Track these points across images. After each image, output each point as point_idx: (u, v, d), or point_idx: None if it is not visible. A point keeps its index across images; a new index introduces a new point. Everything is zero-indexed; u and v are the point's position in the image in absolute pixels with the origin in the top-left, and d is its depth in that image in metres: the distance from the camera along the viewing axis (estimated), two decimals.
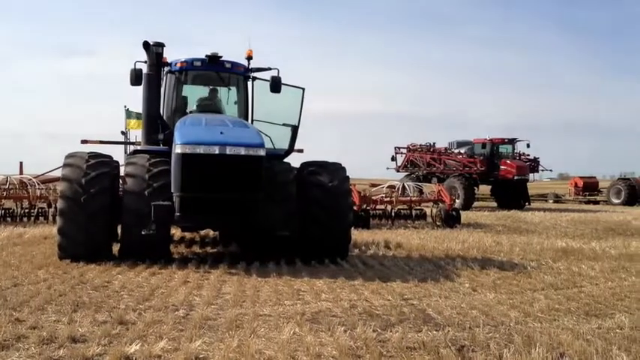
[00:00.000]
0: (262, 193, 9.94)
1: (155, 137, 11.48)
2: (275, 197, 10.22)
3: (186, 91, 12.28)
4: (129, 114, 17.58)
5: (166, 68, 11.90)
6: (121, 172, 11.07)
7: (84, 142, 13.63)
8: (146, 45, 11.25)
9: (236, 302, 7.31)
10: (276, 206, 10.12)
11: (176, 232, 13.80)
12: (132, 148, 13.85)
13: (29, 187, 18.93)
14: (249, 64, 12.25)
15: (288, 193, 10.62)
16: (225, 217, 10.05)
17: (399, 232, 16.68)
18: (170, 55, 11.81)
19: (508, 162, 32.78)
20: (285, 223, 10.21)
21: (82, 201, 9.95)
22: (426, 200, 21.21)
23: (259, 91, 12.30)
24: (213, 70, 12.07)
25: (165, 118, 11.71)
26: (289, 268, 9.98)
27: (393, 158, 37.55)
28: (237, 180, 9.77)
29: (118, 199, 10.45)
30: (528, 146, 34.77)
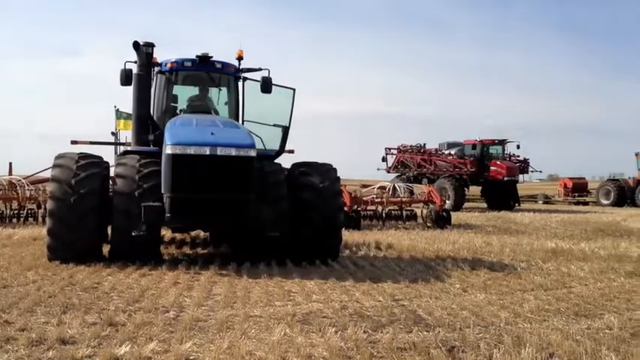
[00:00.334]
0: (253, 193, 9.93)
1: (145, 138, 11.45)
2: (266, 198, 10.21)
3: (176, 91, 12.25)
4: (119, 114, 17.51)
5: (156, 68, 11.87)
6: (111, 173, 11.02)
7: (74, 142, 13.57)
8: (136, 45, 11.22)
9: (227, 303, 7.30)
10: (267, 207, 10.11)
11: (166, 233, 13.75)
12: (122, 148, 13.79)
13: (18, 188, 18.82)
14: (240, 65, 12.24)
15: (278, 193, 10.61)
16: (215, 217, 10.02)
17: (389, 233, 16.71)
18: (160, 55, 11.81)
19: (498, 163, 32.93)
20: (276, 223, 10.20)
21: (71, 202, 9.91)
22: (416, 201, 21.26)
23: (250, 91, 12.30)
24: (204, 70, 12.04)
25: (155, 118, 11.67)
26: (280, 269, 9.97)
27: (384, 159, 37.66)
28: (228, 181, 9.75)
29: (108, 200, 10.41)
30: (518, 147, 35.00)
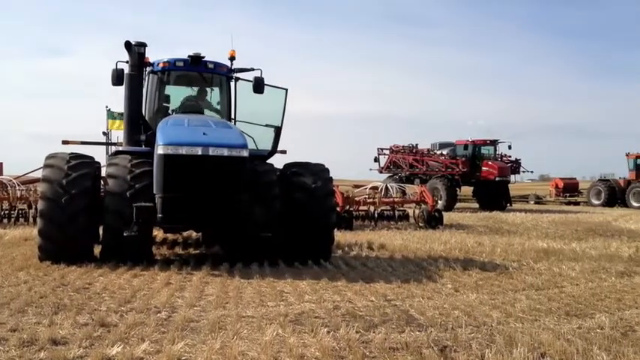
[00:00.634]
0: (245, 194, 9.92)
1: (137, 138, 11.42)
2: (258, 198, 10.20)
3: (168, 91, 12.22)
4: (111, 114, 17.46)
5: (148, 68, 11.84)
6: (103, 173, 10.99)
7: (65, 142, 13.50)
8: (128, 45, 11.18)
9: (219, 304, 7.28)
10: (259, 207, 10.09)
11: (158, 233, 13.72)
12: (113, 148, 13.75)
13: (9, 188, 18.76)
14: (232, 65, 12.22)
15: (271, 194, 10.59)
16: (208, 218, 10.01)
17: (382, 233, 16.72)
18: (152, 55, 11.78)
19: (490, 163, 33.03)
20: (269, 224, 10.19)
21: (62, 202, 9.87)
22: (408, 201, 21.30)
23: (242, 91, 12.28)
24: (196, 70, 12.01)
25: (147, 118, 11.65)
26: (272, 270, 9.97)
27: (376, 159, 37.74)
28: (220, 181, 9.74)
29: (99, 200, 10.38)
30: (510, 148, 35.12)
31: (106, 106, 17.70)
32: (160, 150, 9.63)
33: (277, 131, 12.00)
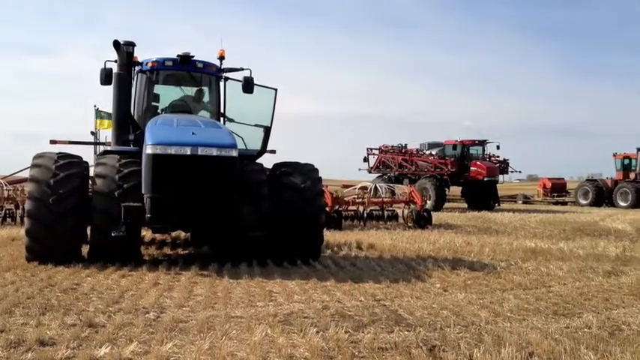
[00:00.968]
0: (234, 194, 9.90)
1: (125, 137, 11.37)
2: (247, 198, 10.19)
3: (157, 91, 12.17)
4: (99, 114, 17.41)
5: (137, 68, 11.79)
6: (91, 173, 10.94)
7: (53, 142, 13.41)
8: (117, 44, 11.13)
9: (208, 304, 7.27)
10: (248, 207, 10.08)
11: (147, 233, 13.68)
12: (102, 148, 13.68)
13: None
14: (222, 64, 12.20)
15: (260, 194, 10.58)
16: (196, 218, 9.98)
17: (371, 233, 16.74)
18: (141, 54, 11.74)
19: (478, 163, 33.12)
20: (258, 224, 10.18)
21: (50, 202, 9.81)
22: (397, 201, 21.34)
23: (231, 91, 12.26)
24: (185, 70, 11.98)
25: (135, 118, 11.61)
26: (261, 270, 9.96)
27: (366, 159, 37.79)
28: (209, 181, 9.72)
29: (87, 200, 10.33)
30: (498, 148, 35.20)
31: (95, 106, 17.67)
32: (149, 150, 9.60)
33: (267, 131, 11.99)
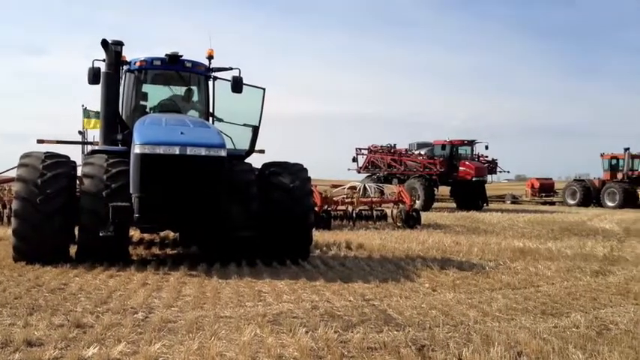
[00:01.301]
0: (223, 193, 9.88)
1: (113, 137, 11.32)
2: (236, 198, 10.16)
3: (145, 90, 12.12)
4: (87, 113, 17.31)
5: (125, 67, 11.74)
6: (79, 173, 10.88)
7: (40, 141, 13.30)
8: (105, 43, 11.07)
9: (196, 304, 7.25)
10: (237, 207, 10.06)
11: (135, 233, 13.62)
12: (90, 148, 13.62)
13: None
14: (210, 64, 12.17)
15: (249, 193, 10.55)
16: (185, 218, 9.95)
17: (360, 233, 16.75)
18: (129, 53, 11.68)
19: (467, 163, 33.22)
20: (247, 224, 10.16)
21: (37, 202, 9.75)
22: (386, 201, 21.37)
23: (220, 90, 12.24)
24: (174, 69, 11.95)
25: (124, 117, 11.56)
26: (250, 270, 9.94)
27: (355, 159, 37.83)
28: (198, 181, 9.69)
29: (75, 200, 10.27)
30: (487, 148, 35.34)
31: (82, 105, 17.55)
32: (137, 149, 9.56)
33: (255, 131, 11.99)
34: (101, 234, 9.46)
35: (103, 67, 11.24)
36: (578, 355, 5.32)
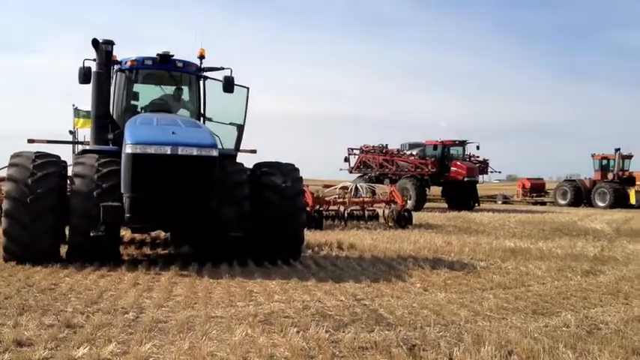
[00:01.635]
0: (215, 193, 9.86)
1: (104, 137, 11.28)
2: (228, 198, 10.15)
3: (136, 90, 12.08)
4: (77, 113, 17.23)
5: (116, 66, 11.70)
6: (69, 172, 10.84)
7: (30, 141, 13.20)
8: (95, 43, 11.03)
9: (187, 304, 7.23)
10: (228, 207, 10.05)
11: (126, 233, 13.58)
12: (80, 147, 13.57)
13: None
14: (202, 64, 12.15)
15: (241, 193, 10.54)
16: (176, 218, 9.93)
17: (351, 233, 16.76)
18: (120, 53, 11.64)
19: (458, 164, 33.27)
20: (238, 223, 10.14)
21: (28, 202, 9.70)
22: (378, 201, 21.39)
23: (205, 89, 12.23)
24: (165, 69, 11.92)
25: (115, 117, 11.51)
26: (242, 270, 9.93)
27: (346, 159, 37.82)
28: (190, 181, 9.68)
29: (65, 199, 10.23)
30: (478, 148, 35.40)
31: (73, 105, 17.47)
32: (128, 149, 9.53)
33: (240, 129, 11.99)
34: (92, 234, 9.42)
35: (94, 66, 11.20)
36: (569, 354, 5.34)
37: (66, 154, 14.25)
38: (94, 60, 11.23)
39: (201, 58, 12.12)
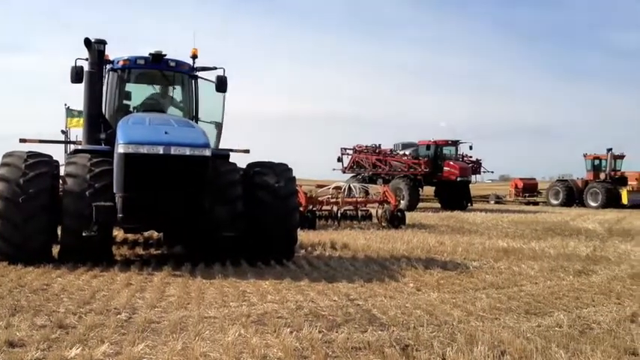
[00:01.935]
0: (208, 193, 9.85)
1: (97, 136, 11.25)
2: (221, 198, 10.14)
3: (129, 89, 12.06)
4: (70, 112, 17.16)
5: (108, 66, 11.67)
6: (62, 172, 10.80)
7: (22, 141, 13.13)
8: (87, 42, 10.99)
9: (180, 304, 7.22)
10: (221, 207, 10.03)
11: (118, 233, 13.54)
12: (72, 147, 13.51)
13: None
14: (195, 63, 12.13)
15: (234, 193, 10.53)
16: (169, 218, 9.91)
17: (344, 233, 16.76)
18: (112, 52, 11.61)
19: (451, 163, 33.31)
20: (231, 223, 10.13)
21: (20, 202, 9.66)
22: (371, 201, 21.41)
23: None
24: (157, 68, 11.90)
25: (107, 116, 11.48)
26: (235, 270, 9.91)
27: (340, 159, 37.82)
28: (182, 180, 9.66)
29: (58, 199, 10.19)
30: (471, 148, 35.48)
31: (65, 104, 17.40)
32: (121, 149, 9.51)
33: (219, 128, 11.99)
34: (84, 234, 9.39)
35: (86, 66, 11.17)
36: (561, 354, 5.36)
37: (58, 153, 14.20)
38: (87, 59, 11.19)
39: (194, 57, 12.11)
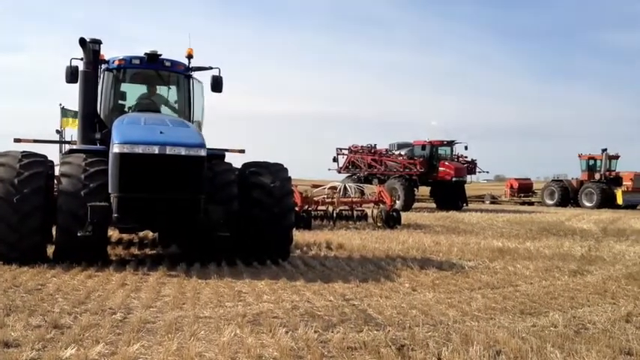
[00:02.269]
0: (203, 193, 9.84)
1: (92, 136, 11.23)
2: (216, 198, 10.13)
3: (124, 89, 12.03)
4: (64, 112, 17.15)
5: (104, 66, 11.65)
6: (56, 172, 10.77)
7: (17, 140, 13.11)
8: (82, 42, 10.97)
9: (176, 305, 7.21)
10: (217, 207, 10.02)
11: (113, 233, 13.51)
12: (67, 147, 13.49)
13: None
14: (190, 63, 12.11)
15: (229, 193, 10.52)
16: (164, 218, 9.89)
17: (340, 233, 16.76)
18: (107, 52, 11.59)
19: (447, 164, 33.33)
20: (227, 223, 10.12)
21: (14, 202, 9.63)
22: (367, 201, 21.41)
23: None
24: (152, 68, 11.87)
25: (102, 116, 11.46)
26: (230, 270, 9.90)
27: (335, 159, 37.81)
28: (178, 180, 9.65)
29: (52, 199, 10.16)
30: (466, 148, 35.48)
31: (60, 104, 17.39)
32: (116, 149, 9.49)
33: (199, 126, 12.00)
34: (79, 234, 9.37)
35: (81, 65, 11.14)
36: (557, 354, 5.37)
37: (53, 153, 14.18)
38: (82, 59, 11.17)
39: (190, 57, 12.09)
